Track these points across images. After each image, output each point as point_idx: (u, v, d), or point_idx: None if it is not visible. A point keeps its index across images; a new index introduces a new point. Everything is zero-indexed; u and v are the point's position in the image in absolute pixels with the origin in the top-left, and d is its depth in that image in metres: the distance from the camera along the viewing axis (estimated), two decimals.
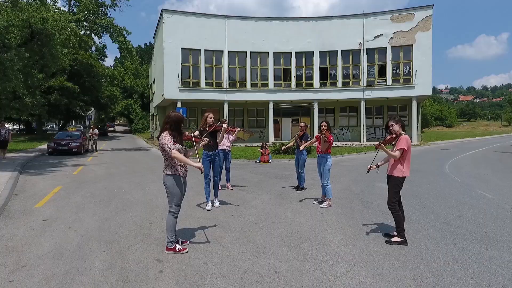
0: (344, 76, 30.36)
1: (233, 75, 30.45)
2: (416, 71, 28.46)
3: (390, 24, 29.05)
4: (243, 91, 30.21)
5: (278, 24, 30.34)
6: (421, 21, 28.43)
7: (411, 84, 28.73)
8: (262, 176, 12.12)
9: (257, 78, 30.81)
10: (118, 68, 66.41)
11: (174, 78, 28.57)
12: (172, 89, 28.65)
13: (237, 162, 16.70)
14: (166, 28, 28.60)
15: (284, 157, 18.43)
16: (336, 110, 33.02)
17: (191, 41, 28.93)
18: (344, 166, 15.54)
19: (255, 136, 32.75)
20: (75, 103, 35.92)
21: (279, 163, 16.31)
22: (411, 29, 28.59)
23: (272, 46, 30.20)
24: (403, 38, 28.83)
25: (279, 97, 30.56)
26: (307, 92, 30.45)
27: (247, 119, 33.10)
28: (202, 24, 29.20)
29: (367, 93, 29.69)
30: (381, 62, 29.69)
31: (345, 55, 30.22)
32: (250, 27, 30.01)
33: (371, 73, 29.97)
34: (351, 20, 29.88)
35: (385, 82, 29.57)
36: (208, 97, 29.74)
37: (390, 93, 29.37)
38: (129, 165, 15.75)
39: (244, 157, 18.69)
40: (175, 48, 28.61)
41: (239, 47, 29.89)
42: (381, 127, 32.18)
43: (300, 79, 30.73)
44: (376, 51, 29.65)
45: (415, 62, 28.57)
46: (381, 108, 32.26)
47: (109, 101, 46.87)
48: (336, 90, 30.22)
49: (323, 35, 30.07)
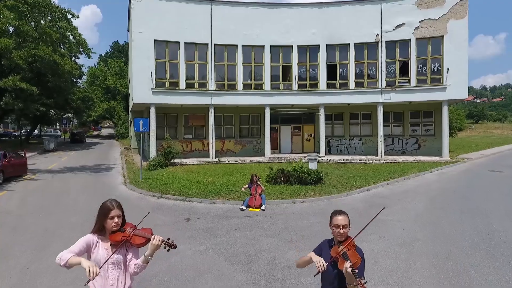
0: (357, 75, 24.70)
1: (221, 74, 24.75)
2: (448, 69, 22.83)
3: (415, 11, 23.40)
4: (233, 93, 24.50)
5: (276, 12, 24.65)
6: (454, 6, 22.79)
7: (442, 85, 23.10)
8: (242, 274, 6.39)
9: (250, 78, 25.11)
10: (100, 66, 60.55)
11: (145, 77, 22.82)
12: (143, 91, 22.91)
13: (207, 209, 10.99)
14: (135, 15, 22.85)
15: (285, 193, 12.68)
16: (346, 116, 27.36)
17: (168, 31, 23.21)
18: (390, 223, 9.83)
19: (248, 148, 27.12)
20: (33, 108, 30.03)
21: (280, 211, 10.58)
22: (441, 16, 22.95)
23: (269, 39, 24.51)
24: (431, 28, 23.19)
25: (277, 101, 24.87)
26: (312, 94, 24.78)
27: (239, 127, 27.39)
28: (182, 10, 23.47)
29: (385, 96, 24.04)
30: (404, 58, 24.04)
31: (359, 49, 24.56)
32: (241, 14, 24.30)
33: (390, 72, 24.31)
34: (366, 6, 24.21)
35: (408, 83, 23.91)
36: (189, 101, 24.01)
37: (414, 96, 23.74)
38: (50, 219, 10.03)
39: (224, 193, 12.90)
40: (147, 40, 22.86)
41: (228, 40, 24.20)
42: (401, 137, 26.56)
43: (303, 78, 25.06)
44: (397, 45, 24.00)
45: (447, 57, 22.94)
46: (401, 114, 26.61)
47: (82, 104, 40.92)
48: (347, 93, 24.56)
49: (331, 25, 24.41)
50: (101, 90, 56.66)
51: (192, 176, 16.63)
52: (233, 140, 27.16)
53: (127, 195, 12.92)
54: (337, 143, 27.37)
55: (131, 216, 3.50)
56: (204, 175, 17.19)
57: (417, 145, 26.19)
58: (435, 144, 25.68)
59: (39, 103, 31.04)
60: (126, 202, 11.62)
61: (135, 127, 15.06)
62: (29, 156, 28.07)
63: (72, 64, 35.09)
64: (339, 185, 14.29)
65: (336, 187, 13.87)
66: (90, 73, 59.61)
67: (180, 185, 14.00)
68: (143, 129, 15.08)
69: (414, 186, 14.24)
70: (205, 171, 19.15)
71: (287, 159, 24.17)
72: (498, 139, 51.70)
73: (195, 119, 26.73)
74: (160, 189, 13.24)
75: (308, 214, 10.05)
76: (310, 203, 11.39)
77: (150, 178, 15.89)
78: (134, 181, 15.14)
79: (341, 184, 14.51)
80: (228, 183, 14.61)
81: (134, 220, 3.33)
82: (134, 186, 14.22)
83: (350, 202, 11.54)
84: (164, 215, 10.18)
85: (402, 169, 19.11)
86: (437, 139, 25.68)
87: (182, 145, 26.31)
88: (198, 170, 19.27)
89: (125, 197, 12.46)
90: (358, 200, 11.90)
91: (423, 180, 15.60)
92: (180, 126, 26.56)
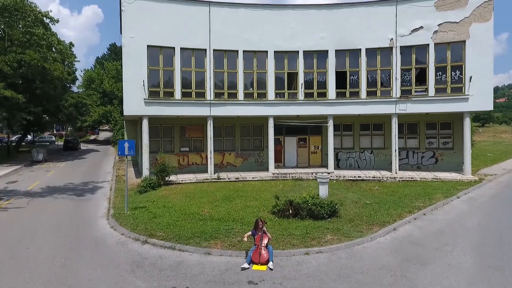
0: (370, 83, 22.58)
1: (220, 82, 22.66)
2: (470, 78, 20.70)
3: (434, 13, 21.27)
4: (233, 103, 22.41)
5: (280, 14, 22.55)
6: (478, 8, 20.66)
7: (463, 94, 20.96)
8: None
9: (252, 86, 23.02)
10: (97, 69, 58.50)
11: (137, 86, 20.74)
12: (135, 102, 20.83)
13: (200, 266, 8.86)
14: (126, 18, 20.77)
15: (295, 234, 10.53)
16: (356, 127, 25.23)
17: (162, 36, 21.14)
18: None
19: (250, 161, 25.03)
20: (19, 117, 27.98)
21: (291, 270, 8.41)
22: (463, 19, 20.81)
23: (273, 43, 22.42)
24: (451, 32, 21.06)
25: (282, 111, 22.77)
26: (319, 104, 22.67)
27: (240, 138, 25.27)
28: (178, 13, 21.40)
29: (400, 106, 21.91)
30: (421, 65, 21.92)
31: (371, 55, 22.45)
32: (242, 17, 22.21)
33: (406, 80, 22.19)
34: (379, 8, 22.09)
35: (426, 92, 21.78)
36: (186, 112, 21.93)
37: (432, 107, 21.60)
38: None
39: (223, 235, 10.80)
40: (139, 45, 20.79)
41: (228, 45, 22.11)
42: (416, 150, 24.42)
43: (310, 87, 22.96)
44: (413, 50, 21.88)
45: (469, 64, 20.81)
46: (416, 125, 24.45)
47: (74, 111, 38.80)
48: (358, 102, 22.46)
49: (341, 28, 22.31)
50: (97, 94, 54.59)
51: (186, 204, 14.54)
52: (234, 153, 25.05)
53: (105, 238, 10.81)
54: (346, 156, 25.25)
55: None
56: (200, 201, 15.11)
57: (434, 159, 24.04)
58: (454, 158, 23.53)
59: (26, 112, 29.00)
60: (100, 254, 9.52)
61: (119, 150, 12.98)
62: (14, 169, 26.14)
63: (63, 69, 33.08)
64: (358, 219, 12.19)
65: (355, 222, 11.77)
66: (86, 76, 57.52)
67: (171, 221, 11.91)
68: (128, 153, 13.01)
69: (447, 223, 12.10)
70: (202, 193, 17.07)
71: (293, 175, 22.09)
72: (511, 146, 49.49)
73: (193, 130, 24.64)
74: (146, 228, 11.14)
75: (328, 278, 7.92)
76: (328, 254, 9.27)
77: (138, 208, 13.79)
78: (119, 213, 13.03)
79: (360, 217, 12.41)
80: (228, 216, 12.51)
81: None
82: (117, 221, 12.12)
83: (377, 254, 9.38)
84: (143, 279, 8.05)
85: (424, 191, 16.99)
86: (456, 153, 23.54)
87: (178, 158, 24.22)
88: (194, 193, 17.19)
89: (102, 242, 10.39)
90: (387, 249, 9.74)
91: (454, 211, 13.48)
92: (176, 138, 24.46)
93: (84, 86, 57.30)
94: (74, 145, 43.29)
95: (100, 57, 67.37)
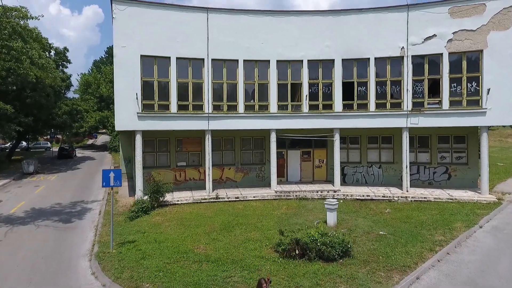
0: (379, 95, 21.13)
1: (219, 94, 21.23)
2: (488, 90, 19.23)
3: (449, 20, 19.80)
4: (233, 116, 20.98)
5: (283, 21, 21.10)
6: (496, 15, 19.19)
7: (480, 108, 19.50)
8: None
9: (253, 98, 21.59)
10: (93, 73, 57.11)
11: (130, 99, 19.33)
12: (128, 115, 19.41)
13: None
14: (118, 26, 19.35)
15: (304, 286, 9.08)
16: (363, 140, 23.76)
17: (157, 45, 19.72)
18: None
19: (251, 176, 23.61)
20: (8, 128, 26.57)
21: None
22: (480, 27, 19.34)
23: (275, 52, 20.98)
24: (467, 40, 19.59)
25: (285, 125, 21.33)
26: (325, 117, 21.22)
27: (240, 152, 23.83)
28: (173, 20, 19.98)
29: (412, 120, 20.45)
30: (434, 76, 20.45)
31: (380, 64, 21.01)
32: (242, 24, 20.77)
33: (418, 91, 20.71)
34: (389, 15, 20.63)
35: (439, 105, 20.31)
36: (182, 126, 20.50)
37: (447, 121, 20.12)
38: None
39: (221, 285, 9.34)
40: (132, 55, 19.37)
41: (228, 54, 20.68)
42: (427, 166, 22.94)
43: (314, 98, 21.50)
44: (426, 60, 20.42)
45: (487, 76, 19.34)
46: (428, 139, 22.99)
47: (69, 119, 37.36)
48: (366, 115, 21.01)
49: (348, 36, 20.86)
50: (94, 99, 53.24)
51: (180, 236, 13.10)
52: (234, 167, 23.60)
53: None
54: (353, 171, 23.78)
55: None
56: (196, 232, 13.68)
57: (447, 174, 22.57)
58: (468, 174, 22.08)
59: (16, 122, 27.59)
60: None
61: (103, 181, 11.53)
62: (2, 185, 24.73)
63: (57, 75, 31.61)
64: (373, 260, 10.77)
65: (371, 266, 10.34)
66: (83, 80, 56.15)
67: (161, 264, 10.47)
68: (114, 184, 11.58)
69: (477, 268, 10.53)
70: (199, 219, 15.65)
71: (296, 194, 20.65)
72: None
73: (190, 143, 23.21)
74: (132, 277, 9.69)
75: None
76: None
77: (126, 244, 12.34)
78: (103, 252, 11.57)
79: (375, 257, 10.99)
80: (226, 256, 11.09)
81: None
82: (100, 263, 10.69)
83: None
84: None
85: (441, 217, 15.57)
86: (471, 168, 22.10)
87: (174, 174, 22.80)
88: (190, 218, 15.77)
89: None
90: None
91: (480, 249, 12.02)
92: (173, 151, 23.03)
93: (80, 91, 55.95)
94: (69, 153, 41.88)
95: (97, 60, 65.97)
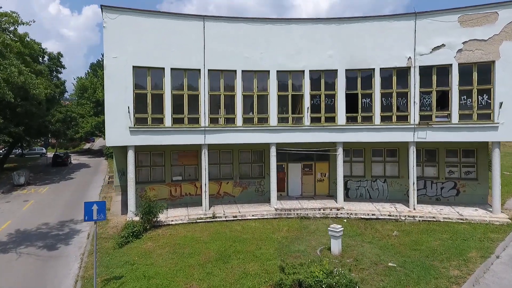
0: (384, 107, 20.08)
1: (216, 107, 20.17)
2: (501, 103, 18.18)
3: (458, 29, 18.74)
4: (230, 130, 19.93)
5: (283, 29, 20.04)
6: (509, 24, 18.13)
7: (492, 122, 18.45)
8: None
9: (252, 110, 20.53)
10: (90, 77, 56.05)
11: (121, 113, 18.28)
12: (119, 130, 18.36)
13: None
14: (109, 35, 18.28)
15: None
16: (368, 153, 22.70)
17: (150, 55, 18.68)
18: None
19: (250, 190, 22.57)
20: None
21: None
22: (492, 37, 18.29)
23: (275, 62, 19.93)
24: (478, 50, 18.53)
25: (285, 138, 20.28)
26: (328, 130, 20.17)
27: (238, 165, 22.77)
28: (168, 29, 18.92)
29: (419, 134, 19.41)
30: (442, 87, 19.39)
31: (386, 75, 19.96)
32: (241, 33, 19.71)
33: (425, 104, 19.66)
34: (395, 23, 19.58)
35: (448, 118, 19.26)
36: (177, 140, 19.45)
37: (456, 135, 19.05)
38: None
39: None
40: (124, 66, 18.32)
41: (225, 64, 19.63)
42: (435, 180, 21.88)
43: (317, 110, 20.45)
44: (434, 71, 19.36)
45: (499, 88, 18.29)
46: (435, 152, 21.93)
47: (62, 126, 36.29)
48: (371, 128, 19.96)
49: (352, 46, 19.82)
50: (90, 103, 52.16)
51: (171, 270, 12.04)
52: (232, 181, 22.53)
53: None
54: (356, 185, 22.73)
55: None
56: (189, 263, 12.63)
57: (455, 190, 21.50)
58: (478, 190, 21.03)
59: (6, 132, 26.53)
60: None
61: (85, 215, 10.46)
62: None
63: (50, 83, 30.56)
64: None
65: None
66: (79, 84, 55.07)
67: None
68: (97, 218, 10.50)
69: None
70: (193, 245, 14.60)
71: (297, 212, 19.60)
72: None
73: (186, 157, 22.14)
74: None
75: None
76: None
77: (112, 281, 11.26)
78: None
79: None
80: None
81: None
82: None
83: None
84: None
85: (453, 243, 14.55)
86: (481, 184, 21.06)
87: (170, 189, 21.75)
88: (184, 244, 14.72)
89: None
90: None
91: (499, 286, 10.98)
92: (168, 165, 21.96)
93: (76, 95, 54.93)
94: (63, 160, 40.76)
95: (94, 63, 64.83)
